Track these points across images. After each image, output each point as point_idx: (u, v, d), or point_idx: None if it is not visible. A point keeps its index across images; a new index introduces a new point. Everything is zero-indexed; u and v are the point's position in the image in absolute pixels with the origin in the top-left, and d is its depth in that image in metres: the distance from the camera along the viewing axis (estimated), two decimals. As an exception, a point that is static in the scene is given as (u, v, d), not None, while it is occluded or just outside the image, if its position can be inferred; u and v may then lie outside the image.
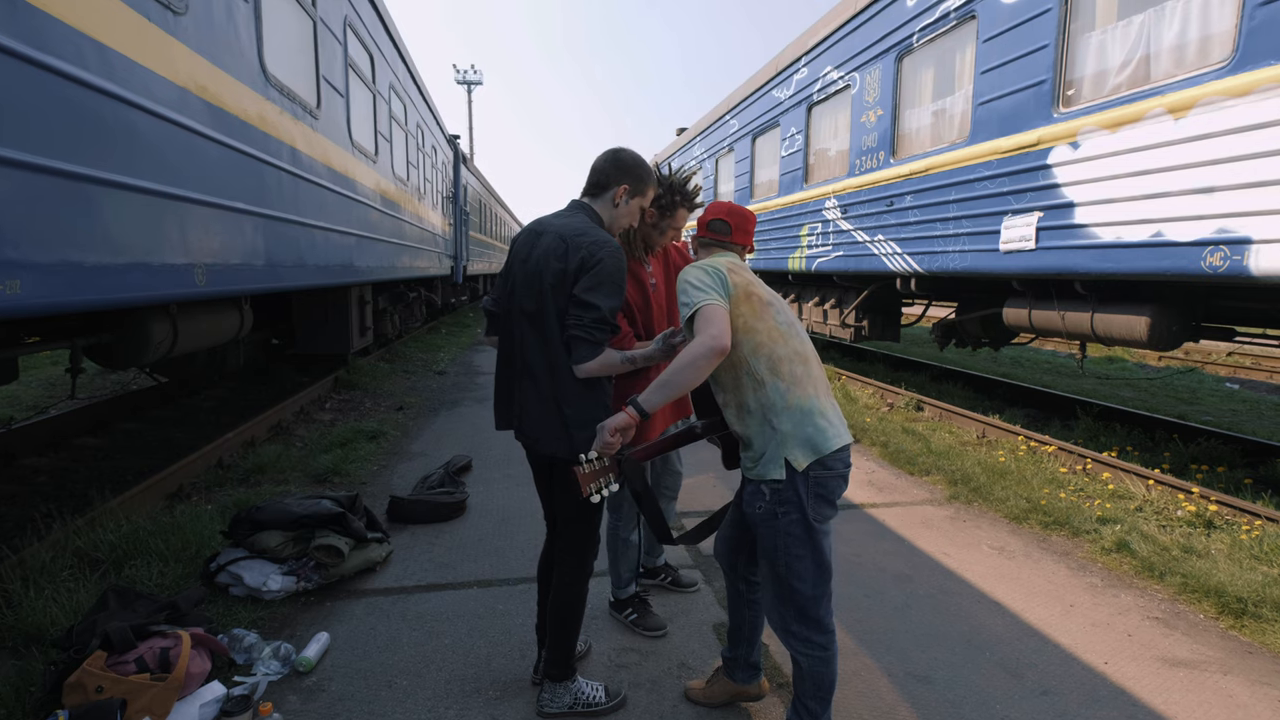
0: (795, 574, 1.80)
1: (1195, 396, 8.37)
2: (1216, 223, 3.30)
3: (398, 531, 3.68)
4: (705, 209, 2.11)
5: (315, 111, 4.41)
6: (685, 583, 3.02)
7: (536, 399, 1.98)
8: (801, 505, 1.75)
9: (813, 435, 1.74)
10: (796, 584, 1.80)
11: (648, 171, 2.15)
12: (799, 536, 1.77)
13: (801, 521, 1.76)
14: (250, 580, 2.85)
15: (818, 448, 1.74)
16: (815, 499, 1.76)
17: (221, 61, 2.97)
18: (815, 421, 1.76)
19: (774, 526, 1.79)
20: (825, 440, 1.75)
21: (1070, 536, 3.71)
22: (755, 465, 1.82)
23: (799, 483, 1.74)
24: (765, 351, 1.80)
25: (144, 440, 5.53)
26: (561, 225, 1.98)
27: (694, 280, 1.84)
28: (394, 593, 3.01)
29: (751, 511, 1.84)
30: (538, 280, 1.94)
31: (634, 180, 2.09)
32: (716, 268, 1.87)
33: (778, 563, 1.81)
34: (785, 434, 1.75)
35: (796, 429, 1.75)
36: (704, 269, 1.87)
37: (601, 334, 1.89)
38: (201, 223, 2.79)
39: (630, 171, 2.09)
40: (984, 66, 4.85)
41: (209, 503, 4.00)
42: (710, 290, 1.80)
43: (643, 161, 2.15)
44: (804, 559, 1.79)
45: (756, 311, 1.83)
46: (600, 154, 2.16)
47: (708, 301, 1.77)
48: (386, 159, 6.90)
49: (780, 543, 1.79)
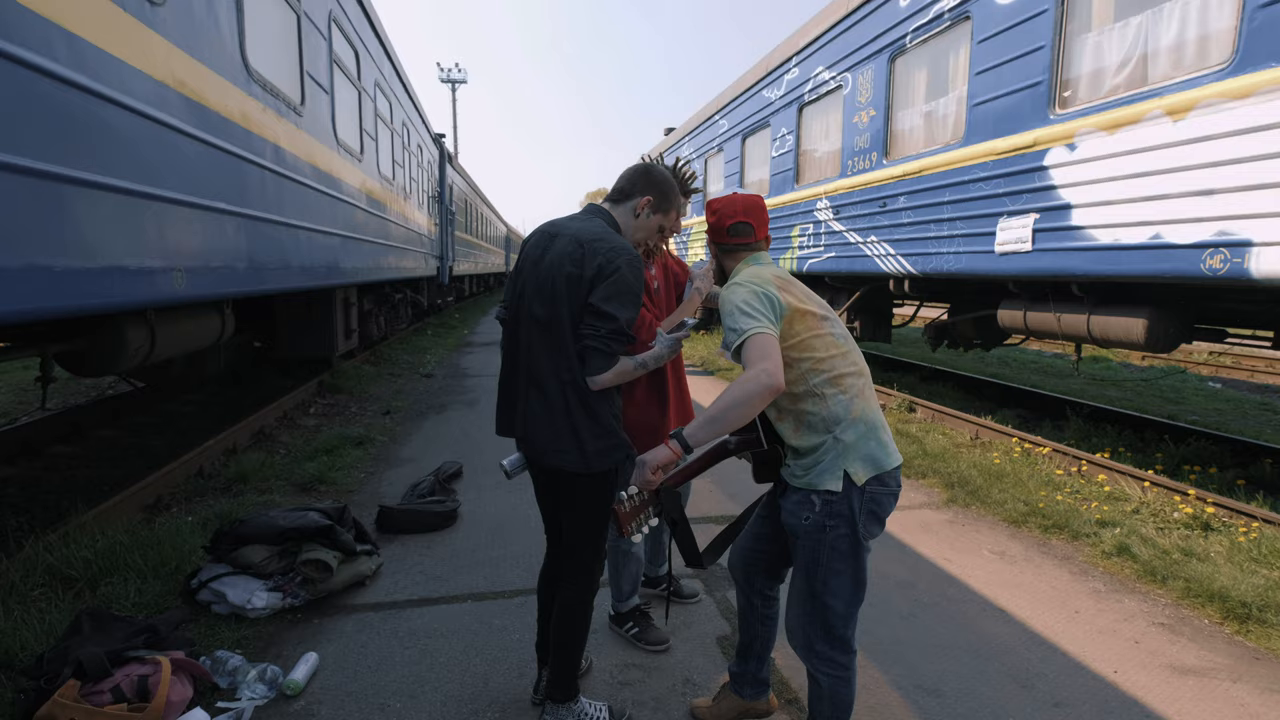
0: (831, 590, 1.72)
1: (1180, 396, 8.46)
2: (1216, 225, 3.28)
3: (387, 543, 3.57)
4: (711, 210, 1.94)
5: (299, 108, 4.28)
6: (687, 593, 2.94)
7: (544, 409, 1.89)
8: (853, 520, 1.67)
9: (875, 450, 1.67)
10: (831, 600, 1.72)
11: (675, 193, 2.09)
12: (844, 552, 1.69)
13: (850, 537, 1.68)
14: (234, 598, 2.73)
15: (879, 463, 1.67)
16: (868, 515, 1.68)
17: (202, 55, 2.84)
18: (879, 435, 1.69)
19: (820, 539, 1.69)
20: (887, 457, 1.69)
21: (1070, 540, 3.68)
22: (807, 474, 1.71)
23: (854, 497, 1.66)
24: (825, 367, 1.70)
25: (121, 448, 5.36)
26: (578, 229, 1.90)
27: (741, 303, 1.68)
28: (385, 608, 2.90)
29: (795, 522, 1.74)
30: (550, 285, 1.85)
31: (660, 196, 2.03)
32: (765, 287, 1.71)
33: (815, 578, 1.72)
34: (848, 445, 1.66)
35: (861, 441, 1.67)
36: (751, 288, 1.70)
37: (618, 345, 1.81)
38: (181, 224, 2.66)
39: (658, 186, 2.03)
40: (979, 67, 4.83)
41: (189, 514, 3.86)
42: (760, 315, 1.65)
43: (673, 183, 2.09)
44: (843, 575, 1.71)
45: (812, 328, 1.72)
46: (631, 165, 2.10)
47: (757, 330, 1.62)
48: (372, 158, 6.76)
49: (824, 557, 1.70)
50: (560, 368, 1.85)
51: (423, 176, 11.38)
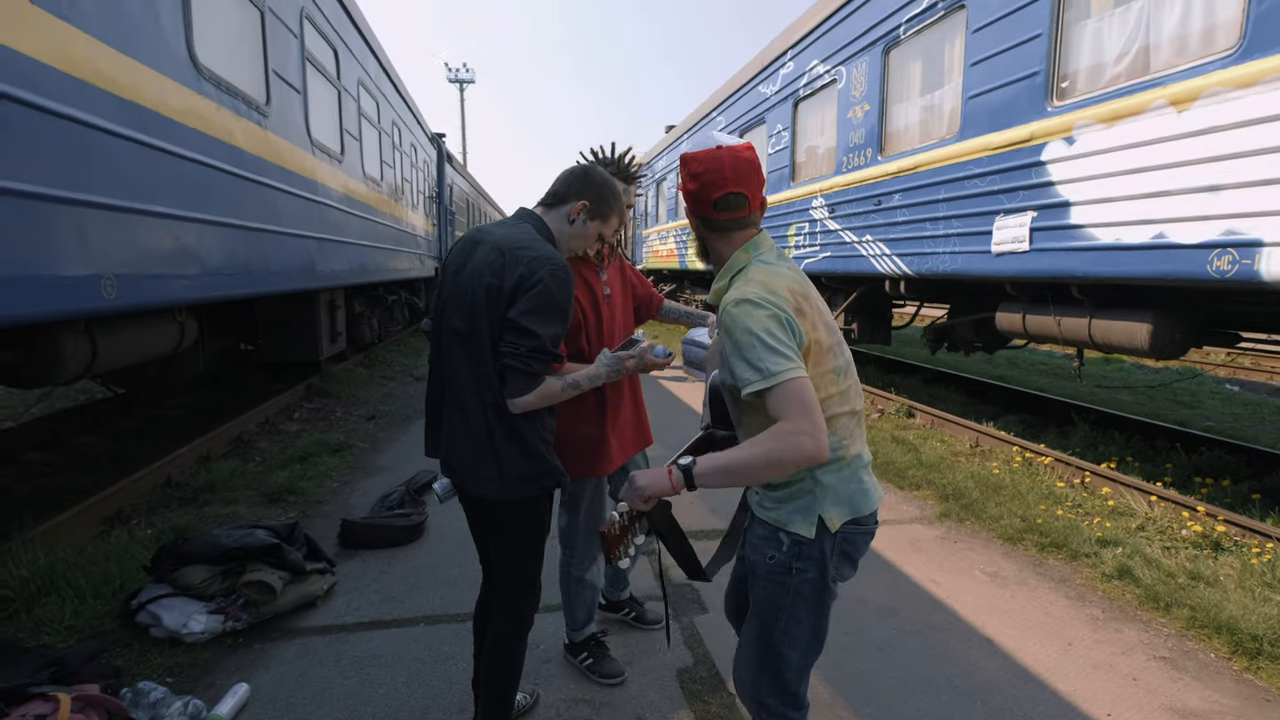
0: (789, 639, 1.52)
1: (1195, 400, 8.15)
2: (1224, 224, 3.06)
3: (348, 558, 3.42)
4: (690, 173, 1.50)
5: (263, 108, 4.14)
6: (650, 619, 2.77)
7: (465, 431, 1.73)
8: (823, 564, 1.47)
9: (855, 494, 1.47)
10: (786, 651, 1.53)
11: (616, 199, 1.90)
12: (808, 598, 1.49)
13: (817, 582, 1.48)
14: (169, 621, 2.59)
15: (857, 508, 1.47)
16: (840, 557, 1.49)
17: (135, 51, 2.70)
18: (861, 476, 1.49)
19: (783, 583, 1.49)
20: (867, 500, 1.49)
21: (1068, 560, 3.47)
22: (777, 508, 1.49)
23: (826, 541, 1.46)
24: (826, 410, 1.46)
25: (96, 455, 5.26)
26: (501, 236, 1.72)
27: (763, 333, 1.34)
28: (332, 631, 2.76)
29: (758, 559, 1.53)
30: (469, 297, 1.69)
31: (597, 200, 1.84)
32: (785, 309, 1.37)
33: (773, 625, 1.53)
34: (827, 487, 1.45)
35: (841, 485, 1.46)
36: (773, 311, 1.36)
37: (540, 365, 1.64)
38: (109, 229, 2.52)
39: (596, 190, 1.85)
40: (974, 58, 4.61)
41: (150, 526, 3.74)
42: (789, 351, 1.33)
43: (614, 187, 1.91)
44: (803, 624, 1.51)
45: (817, 361, 1.43)
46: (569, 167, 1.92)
47: (792, 374, 1.30)
48: (355, 158, 6.63)
49: (785, 602, 1.50)
50: (482, 387, 1.68)
51: (418, 177, 11.26)
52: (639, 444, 2.45)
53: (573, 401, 1.92)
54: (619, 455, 2.37)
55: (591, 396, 2.20)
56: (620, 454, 2.38)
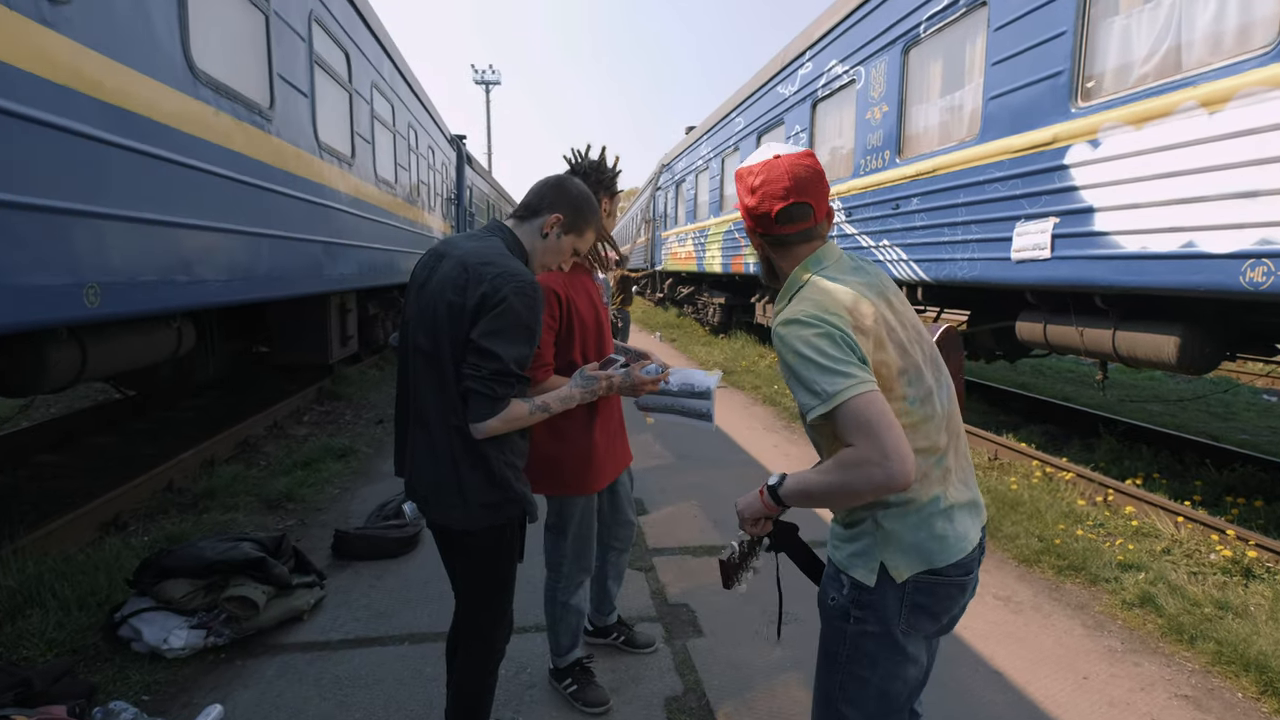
0: (849, 698, 1.33)
1: (1230, 411, 7.81)
2: (1259, 232, 2.86)
3: (340, 570, 3.37)
4: (748, 188, 1.37)
5: (267, 112, 4.12)
6: (640, 643, 2.66)
7: (429, 454, 1.64)
8: (885, 617, 1.27)
9: (926, 542, 1.25)
10: (847, 710, 1.34)
11: (593, 212, 1.80)
12: (869, 655, 1.30)
13: (880, 638, 1.28)
14: (149, 636, 2.55)
15: (930, 559, 1.25)
16: (912, 609, 1.27)
17: (125, 56, 2.67)
18: (935, 526, 1.26)
19: (842, 630, 1.32)
20: (945, 551, 1.26)
21: (1087, 585, 3.29)
22: (841, 547, 1.34)
23: (889, 592, 1.27)
24: None
25: (108, 456, 5.30)
26: (467, 250, 1.63)
27: (813, 353, 1.19)
28: (316, 648, 2.70)
29: (822, 597, 1.38)
30: (432, 314, 1.60)
31: (572, 213, 1.75)
32: (835, 322, 1.21)
33: (828, 675, 1.36)
34: (889, 533, 1.26)
35: (906, 532, 1.26)
36: (821, 325, 1.21)
37: (503, 389, 1.55)
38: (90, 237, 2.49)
39: (571, 202, 1.75)
40: (995, 58, 4.43)
41: (147, 533, 3.73)
42: (848, 366, 1.17)
43: (591, 199, 1.81)
44: (866, 684, 1.31)
45: (887, 389, 1.23)
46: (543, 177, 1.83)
47: (853, 391, 1.15)
48: (367, 162, 6.62)
49: (843, 654, 1.33)
50: (446, 409, 1.59)
51: (435, 179, 11.28)
52: (625, 460, 2.35)
53: (563, 415, 1.82)
54: (610, 472, 2.27)
55: (583, 410, 2.10)
56: (612, 470, 2.29)
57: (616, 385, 1.95)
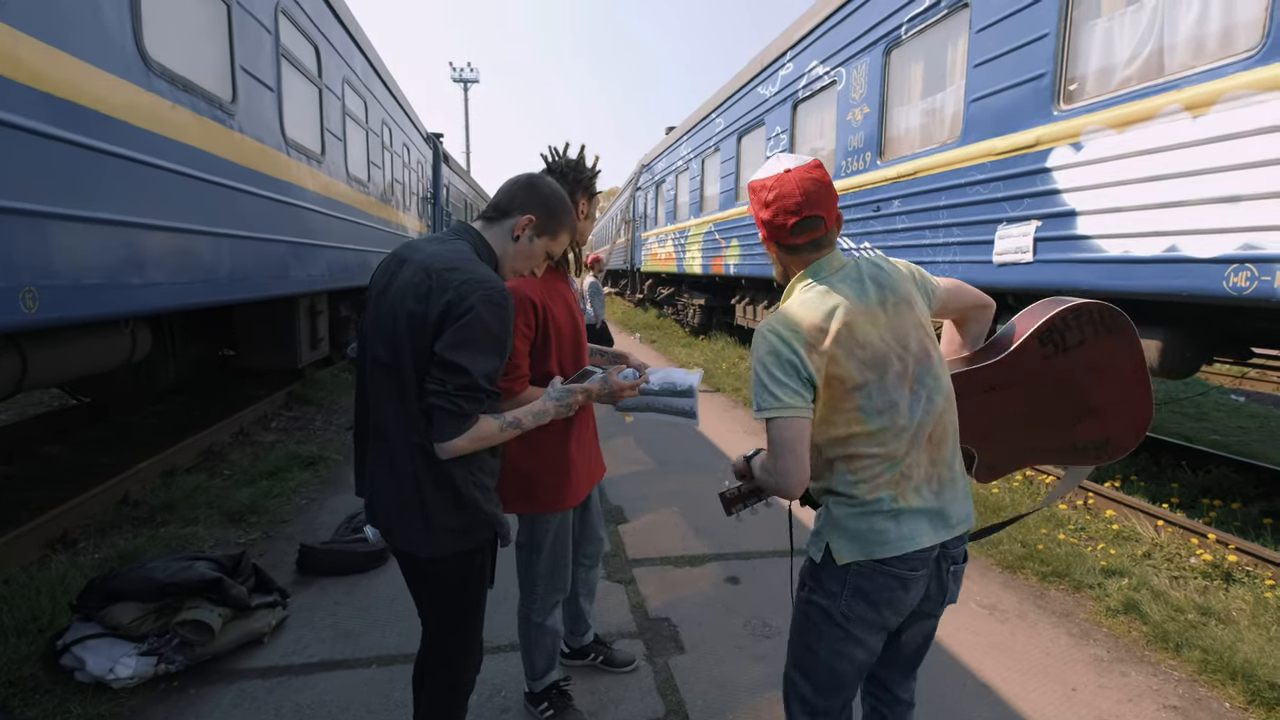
0: (800, 665, 1.50)
1: (1201, 411, 7.94)
2: (1242, 237, 2.85)
3: (305, 586, 3.22)
4: (762, 202, 1.45)
5: (229, 106, 3.94)
6: (620, 662, 2.56)
7: (388, 475, 1.52)
8: (830, 594, 1.41)
9: (866, 534, 1.37)
10: (796, 677, 1.51)
11: (566, 213, 1.68)
12: (815, 628, 1.45)
13: (824, 613, 1.42)
14: (94, 665, 2.38)
15: (868, 550, 1.37)
16: (853, 593, 1.39)
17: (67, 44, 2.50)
18: (876, 523, 1.37)
19: (798, 598, 1.51)
20: (884, 546, 1.36)
21: (1071, 591, 3.26)
22: (812, 528, 1.50)
23: (832, 572, 1.41)
24: (839, 448, 1.39)
25: (60, 467, 5.05)
26: (430, 254, 1.50)
27: (760, 369, 1.35)
28: (276, 673, 2.55)
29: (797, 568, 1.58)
30: (391, 324, 1.48)
31: (545, 214, 1.62)
32: (790, 339, 1.33)
33: (793, 642, 1.53)
34: (836, 519, 1.40)
35: (851, 522, 1.38)
36: (776, 341, 1.34)
37: (471, 405, 1.43)
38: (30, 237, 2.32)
39: (544, 203, 1.62)
40: (977, 59, 4.40)
41: (98, 550, 3.54)
42: (780, 390, 1.32)
43: (565, 200, 1.68)
44: (815, 655, 1.46)
45: (838, 398, 1.36)
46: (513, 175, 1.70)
47: (777, 414, 1.31)
48: (338, 159, 6.42)
49: (797, 619, 1.50)
50: (408, 427, 1.48)
51: (411, 178, 11.06)
52: (599, 472, 2.25)
53: (538, 428, 1.71)
54: (585, 486, 2.17)
55: (559, 422, 1.98)
56: (587, 484, 2.18)
57: (595, 395, 1.85)
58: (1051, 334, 1.62)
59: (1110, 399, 1.65)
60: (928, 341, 1.43)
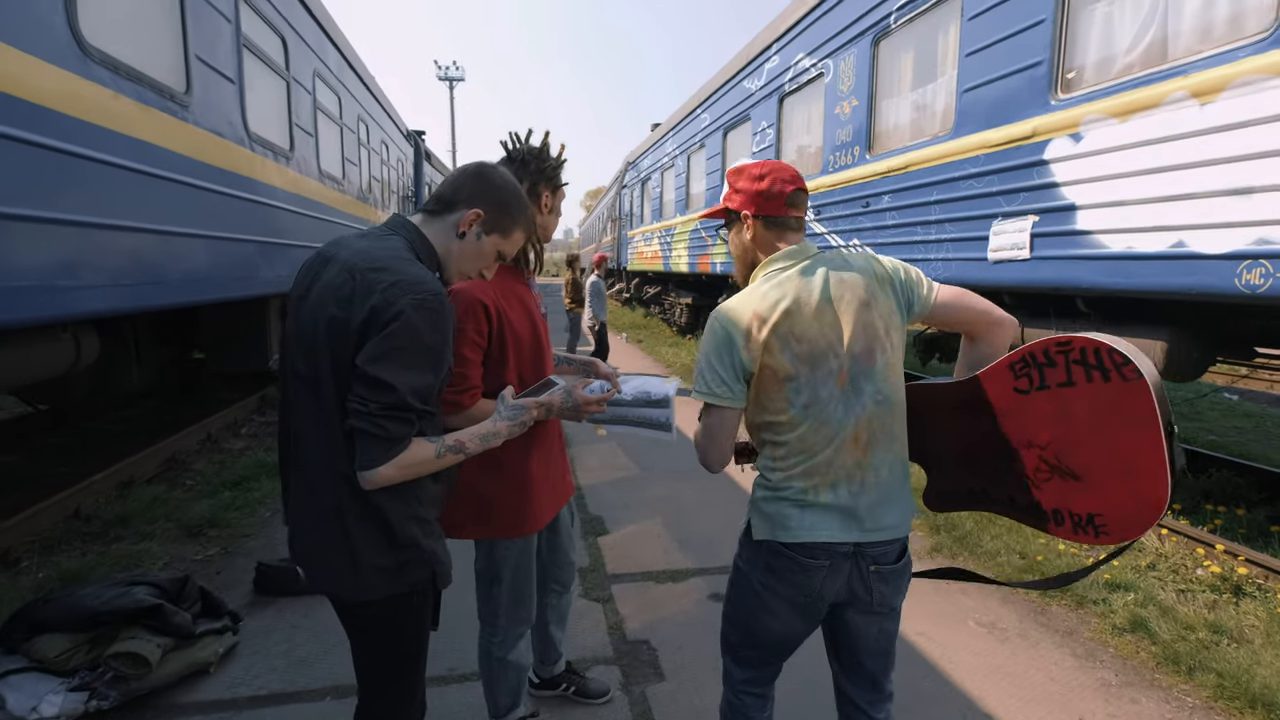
0: (729, 616, 1.61)
1: (1195, 411, 7.83)
2: (1255, 231, 2.68)
3: (261, 608, 3.01)
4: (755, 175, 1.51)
5: (182, 98, 3.71)
6: (593, 693, 2.36)
7: (311, 505, 1.33)
8: (750, 563, 1.52)
9: (774, 517, 1.45)
10: (725, 626, 1.63)
11: (521, 208, 1.47)
12: (738, 586, 1.56)
13: (746, 575, 1.53)
14: (15, 705, 2.17)
15: (773, 532, 1.45)
16: (765, 568, 1.48)
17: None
18: (783, 508, 1.44)
19: (734, 556, 1.60)
20: (787, 531, 1.43)
21: (1073, 607, 3.10)
22: None
23: (753, 544, 1.50)
24: (766, 432, 1.47)
25: (11, 477, 4.80)
26: (356, 251, 1.29)
27: (701, 353, 1.48)
28: (220, 708, 2.34)
29: None
30: (311, 332, 1.28)
31: (495, 208, 1.41)
32: (730, 328, 1.41)
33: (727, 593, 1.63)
34: (758, 499, 1.50)
35: (764, 503, 1.48)
36: (718, 328, 1.44)
37: (399, 428, 1.22)
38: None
39: (494, 195, 1.41)
40: (969, 48, 4.23)
41: (42, 570, 3.32)
42: (712, 377, 1.43)
43: (519, 193, 1.47)
44: (738, 609, 1.57)
45: (769, 387, 1.42)
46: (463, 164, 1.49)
47: (709, 399, 1.44)
48: (309, 155, 6.18)
49: (731, 574, 1.61)
50: (331, 451, 1.28)
51: (390, 175, 10.81)
52: (567, 493, 2.05)
53: (498, 446, 1.50)
54: (550, 508, 1.96)
55: (519, 439, 1.78)
56: (551, 506, 1.98)
57: (556, 408, 1.65)
58: (1026, 366, 1.38)
59: (1102, 463, 1.31)
60: (878, 345, 1.41)
